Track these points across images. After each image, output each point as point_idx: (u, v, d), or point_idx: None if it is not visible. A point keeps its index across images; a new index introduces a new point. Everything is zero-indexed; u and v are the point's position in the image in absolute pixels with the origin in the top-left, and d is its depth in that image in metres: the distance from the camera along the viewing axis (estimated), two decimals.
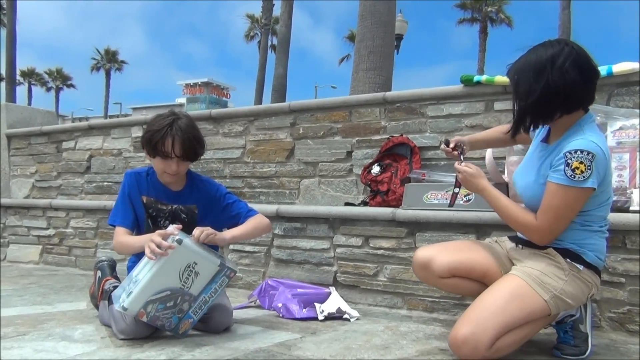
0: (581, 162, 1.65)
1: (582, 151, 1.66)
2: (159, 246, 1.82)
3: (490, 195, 1.88)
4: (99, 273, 2.33)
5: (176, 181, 2.24)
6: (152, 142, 2.08)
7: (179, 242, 1.83)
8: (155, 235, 1.86)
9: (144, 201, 2.21)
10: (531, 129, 1.84)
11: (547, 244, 1.80)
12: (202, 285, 1.93)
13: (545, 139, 1.87)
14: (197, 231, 1.96)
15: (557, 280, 1.74)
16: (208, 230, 1.98)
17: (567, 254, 1.78)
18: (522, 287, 1.73)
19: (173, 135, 2.05)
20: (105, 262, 2.38)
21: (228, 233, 2.15)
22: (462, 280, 1.93)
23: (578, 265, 1.77)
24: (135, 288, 1.83)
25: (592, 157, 1.65)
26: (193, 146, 2.11)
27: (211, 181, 2.38)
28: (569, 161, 1.66)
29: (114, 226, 2.20)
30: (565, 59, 1.69)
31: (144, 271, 1.85)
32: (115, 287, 2.12)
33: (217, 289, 1.97)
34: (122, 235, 2.15)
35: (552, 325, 1.91)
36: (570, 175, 1.66)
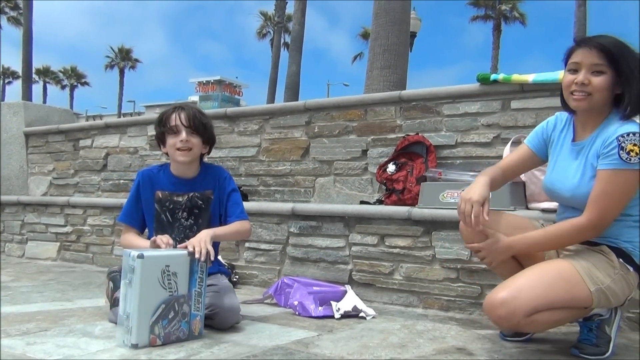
0: (635, 144, 1.63)
1: (634, 133, 1.64)
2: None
3: (525, 242, 1.82)
4: (110, 284, 2.36)
5: (190, 168, 2.28)
6: (161, 123, 2.24)
7: (141, 257, 1.82)
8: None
9: (160, 196, 2.26)
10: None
11: (600, 234, 1.76)
12: (185, 281, 1.92)
13: (573, 139, 1.87)
14: (196, 249, 1.95)
15: (605, 276, 1.71)
16: (204, 245, 1.97)
17: (620, 253, 1.75)
18: (572, 272, 1.70)
19: (178, 111, 2.23)
20: (118, 274, 2.40)
21: (211, 231, 2.11)
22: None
23: (628, 267, 1.75)
24: (132, 321, 1.81)
25: None
26: (198, 116, 2.25)
27: (223, 169, 2.43)
28: (623, 144, 1.65)
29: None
30: None
31: (128, 302, 1.83)
32: None
33: (202, 277, 1.96)
34: (131, 235, 2.29)
35: (579, 321, 1.87)
36: (626, 158, 1.64)
